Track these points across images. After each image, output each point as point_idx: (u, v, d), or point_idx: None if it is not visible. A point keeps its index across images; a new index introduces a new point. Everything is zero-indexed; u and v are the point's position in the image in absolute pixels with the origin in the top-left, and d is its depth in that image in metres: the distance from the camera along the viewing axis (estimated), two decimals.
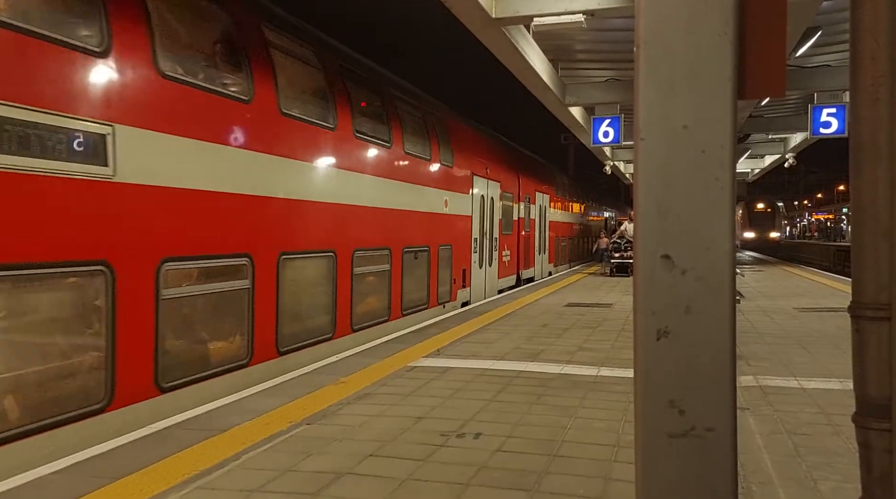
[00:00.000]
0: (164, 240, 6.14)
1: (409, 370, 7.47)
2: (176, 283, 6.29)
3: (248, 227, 7.43)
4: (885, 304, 2.08)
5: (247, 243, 7.36)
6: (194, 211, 6.59)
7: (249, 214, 7.42)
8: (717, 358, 2.14)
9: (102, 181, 5.45)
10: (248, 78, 7.40)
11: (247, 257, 7.33)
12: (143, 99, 5.95)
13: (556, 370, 7.47)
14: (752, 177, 36.10)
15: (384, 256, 10.96)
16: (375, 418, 5.60)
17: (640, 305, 2.19)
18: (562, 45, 13.91)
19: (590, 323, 11.25)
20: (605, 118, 16.58)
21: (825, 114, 15.39)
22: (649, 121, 2.18)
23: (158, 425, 5.39)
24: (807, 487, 4.14)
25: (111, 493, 4.01)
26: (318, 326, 8.97)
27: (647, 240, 2.18)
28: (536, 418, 5.64)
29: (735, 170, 2.17)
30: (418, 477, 4.29)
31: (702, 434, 2.14)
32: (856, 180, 2.16)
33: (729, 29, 2.12)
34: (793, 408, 5.93)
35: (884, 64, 2.09)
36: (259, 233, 7.61)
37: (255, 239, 7.53)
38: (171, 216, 6.26)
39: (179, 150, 6.37)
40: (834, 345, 8.96)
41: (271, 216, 7.88)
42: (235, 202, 7.19)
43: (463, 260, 14.77)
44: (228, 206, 7.08)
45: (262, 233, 7.67)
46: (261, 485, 4.15)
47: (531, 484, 4.17)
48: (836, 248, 41.44)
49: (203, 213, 6.71)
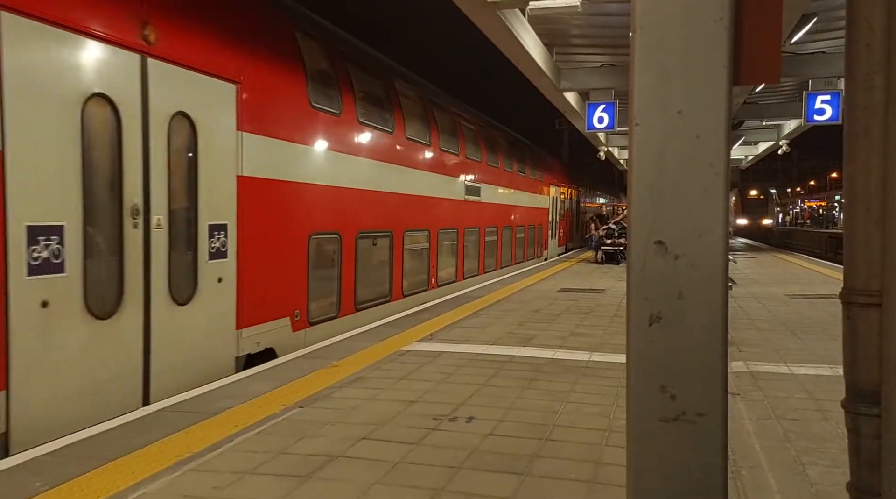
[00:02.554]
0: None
1: (402, 355, 7.48)
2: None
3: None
4: (877, 291, 2.09)
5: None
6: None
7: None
8: (709, 344, 2.15)
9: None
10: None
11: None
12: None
13: (549, 355, 7.51)
14: (745, 164, 36.13)
15: (521, 229, 21.63)
16: (368, 402, 5.62)
17: (632, 291, 2.20)
18: (557, 30, 13.85)
19: (582, 309, 11.29)
20: (599, 104, 16.54)
21: (819, 101, 15.40)
22: (644, 106, 2.17)
23: (151, 408, 5.40)
24: (796, 471, 4.18)
25: (103, 474, 4.02)
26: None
27: (641, 225, 2.18)
28: (528, 402, 5.67)
29: (729, 156, 2.17)
30: (410, 460, 4.31)
31: (693, 419, 2.15)
32: (849, 168, 2.17)
33: (724, 14, 2.11)
34: (783, 394, 5.97)
35: (879, 51, 2.08)
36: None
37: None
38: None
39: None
40: (824, 331, 9.02)
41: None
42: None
43: (545, 234, 25.77)
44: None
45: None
46: (253, 467, 4.16)
47: (523, 468, 4.19)
48: (828, 235, 41.64)
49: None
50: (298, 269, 8.65)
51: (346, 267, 9.94)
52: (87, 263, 5.45)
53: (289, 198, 8.41)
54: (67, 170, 5.33)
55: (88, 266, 5.45)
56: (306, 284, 8.77)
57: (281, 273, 8.22)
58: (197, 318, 6.72)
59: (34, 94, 5.05)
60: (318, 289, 9.11)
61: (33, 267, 4.99)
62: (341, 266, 9.78)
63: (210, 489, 3.84)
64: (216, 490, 3.83)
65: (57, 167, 5.23)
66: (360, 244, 10.32)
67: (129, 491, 3.80)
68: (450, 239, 14.76)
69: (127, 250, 5.87)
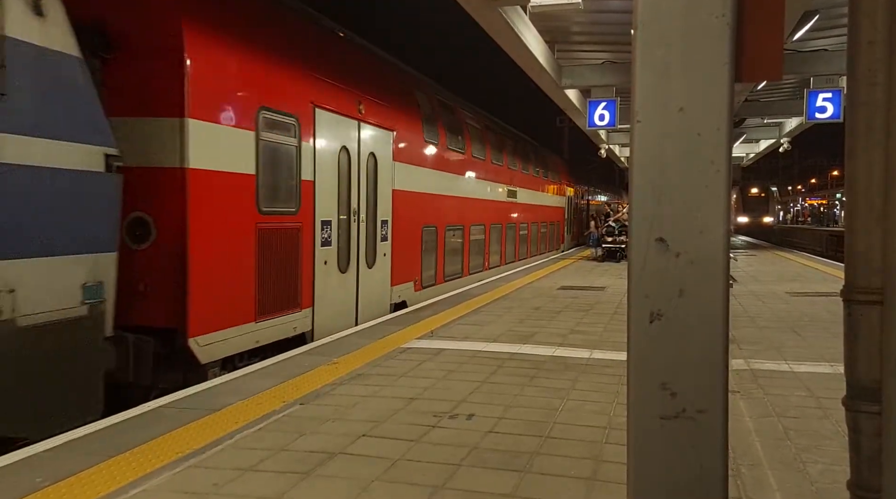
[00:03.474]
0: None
1: (403, 352, 7.49)
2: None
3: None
4: (878, 288, 2.09)
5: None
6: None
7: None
8: (710, 341, 2.15)
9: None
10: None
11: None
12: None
13: (549, 353, 7.51)
14: (746, 161, 36.11)
15: (545, 225, 25.32)
16: (368, 399, 5.62)
17: (633, 288, 2.19)
18: (558, 27, 13.84)
19: (582, 306, 11.29)
20: (600, 101, 16.53)
21: (821, 99, 15.39)
22: (645, 103, 2.17)
23: (151, 405, 5.40)
24: (796, 469, 4.18)
25: (104, 470, 4.02)
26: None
27: (642, 223, 2.17)
28: (528, 399, 5.68)
29: (731, 153, 2.17)
30: (410, 457, 4.32)
31: (693, 416, 2.16)
32: (851, 165, 2.16)
33: (727, 11, 2.11)
34: (783, 391, 5.97)
35: (881, 48, 2.08)
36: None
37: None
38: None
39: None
40: (825, 329, 9.02)
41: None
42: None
43: (561, 230, 29.11)
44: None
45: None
46: (253, 464, 4.17)
47: (523, 465, 4.19)
48: (829, 233, 41.60)
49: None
50: (417, 250, 12.62)
51: (440, 250, 13.91)
52: (339, 241, 9.42)
53: (413, 201, 12.25)
54: (333, 189, 9.24)
55: (339, 243, 9.43)
56: (420, 260, 12.79)
57: (410, 252, 12.20)
58: (375, 277, 10.69)
59: (323, 150, 8.93)
60: (426, 264, 13.10)
61: (321, 242, 8.90)
62: (437, 249, 13.71)
63: (210, 486, 3.84)
64: (216, 487, 3.83)
65: (329, 188, 9.12)
66: (447, 234, 14.35)
67: (129, 487, 3.80)
68: (497, 232, 18.71)
69: (351, 236, 9.84)
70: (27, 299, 4.89)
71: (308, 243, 8.55)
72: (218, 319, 6.89)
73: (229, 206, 7.10)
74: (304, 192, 8.47)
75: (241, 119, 7.27)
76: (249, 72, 7.47)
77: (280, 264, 7.98)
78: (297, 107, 8.29)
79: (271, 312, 7.76)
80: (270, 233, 7.75)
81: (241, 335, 7.27)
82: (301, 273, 8.39)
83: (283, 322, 8.04)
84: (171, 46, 6.40)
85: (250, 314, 7.40)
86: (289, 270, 8.16)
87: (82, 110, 5.43)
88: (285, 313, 8.07)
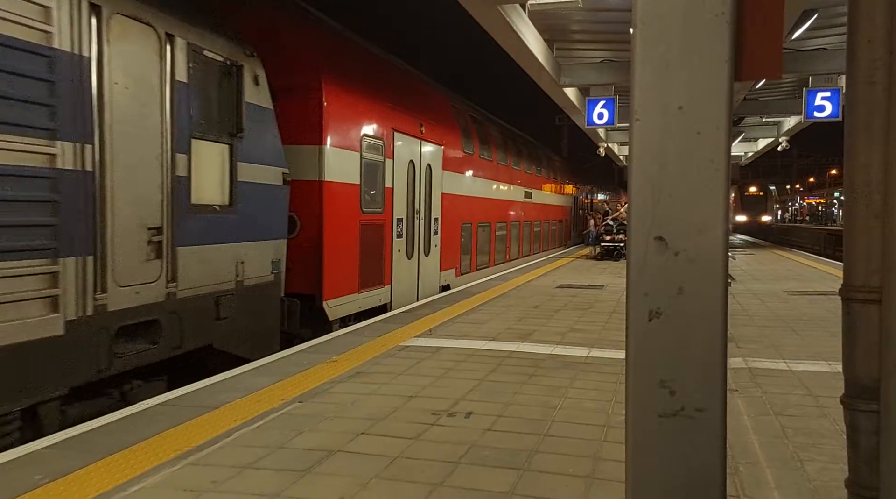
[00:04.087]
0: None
1: (401, 350, 7.49)
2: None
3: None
4: (876, 287, 2.10)
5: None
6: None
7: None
8: (709, 339, 2.15)
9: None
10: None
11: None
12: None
13: (548, 351, 7.51)
14: (745, 160, 36.10)
15: (554, 222, 27.70)
16: (367, 397, 5.63)
17: (632, 286, 2.20)
18: (558, 25, 13.83)
19: (581, 304, 11.30)
20: (600, 100, 16.49)
21: (819, 97, 15.37)
22: (644, 102, 2.17)
23: (150, 402, 5.40)
24: (793, 467, 4.19)
25: (103, 468, 4.03)
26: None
27: (641, 221, 2.18)
28: (527, 397, 5.68)
29: (730, 152, 2.17)
30: (409, 455, 4.32)
31: (692, 414, 2.16)
32: (849, 163, 2.16)
33: (726, 9, 2.11)
34: (781, 390, 5.98)
35: (880, 47, 2.08)
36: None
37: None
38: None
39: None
40: (823, 328, 9.03)
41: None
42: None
43: (567, 227, 31.37)
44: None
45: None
46: (252, 462, 4.17)
47: (521, 463, 4.20)
48: (827, 232, 41.61)
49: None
50: (457, 242, 15.23)
51: (473, 243, 16.56)
52: (406, 234, 12.02)
53: (455, 203, 14.87)
54: (404, 194, 11.90)
55: (407, 236, 12.03)
56: (460, 250, 15.39)
57: (452, 244, 14.89)
58: (429, 264, 13.41)
59: (398, 163, 11.57)
60: (463, 254, 15.71)
61: (396, 234, 11.53)
62: (472, 242, 16.38)
63: (209, 483, 3.85)
64: (215, 484, 3.83)
65: (402, 193, 11.81)
66: (479, 230, 16.98)
67: (128, 484, 3.80)
68: (516, 229, 21.36)
69: (415, 230, 12.45)
70: (248, 269, 7.56)
71: (389, 235, 11.34)
72: (339, 289, 9.60)
73: (345, 207, 9.80)
74: (387, 196, 11.26)
75: (352, 144, 10.02)
76: (358, 110, 10.28)
77: (373, 251, 10.68)
78: (383, 132, 11.08)
79: (367, 287, 10.52)
80: (368, 227, 10.52)
81: (351, 302, 9.97)
82: (385, 258, 11.19)
83: (374, 294, 10.78)
84: (314, 95, 9.18)
85: (356, 287, 10.14)
86: (377, 255, 10.93)
87: (275, 144, 8.09)
88: (375, 288, 10.85)
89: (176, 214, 6.36)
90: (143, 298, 6.00)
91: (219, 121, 7.10)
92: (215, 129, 7.04)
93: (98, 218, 5.50)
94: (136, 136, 5.89)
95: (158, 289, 6.18)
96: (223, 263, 7.12)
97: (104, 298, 5.56)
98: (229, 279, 7.22)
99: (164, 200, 6.24)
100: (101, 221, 5.53)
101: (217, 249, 7.04)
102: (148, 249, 6.05)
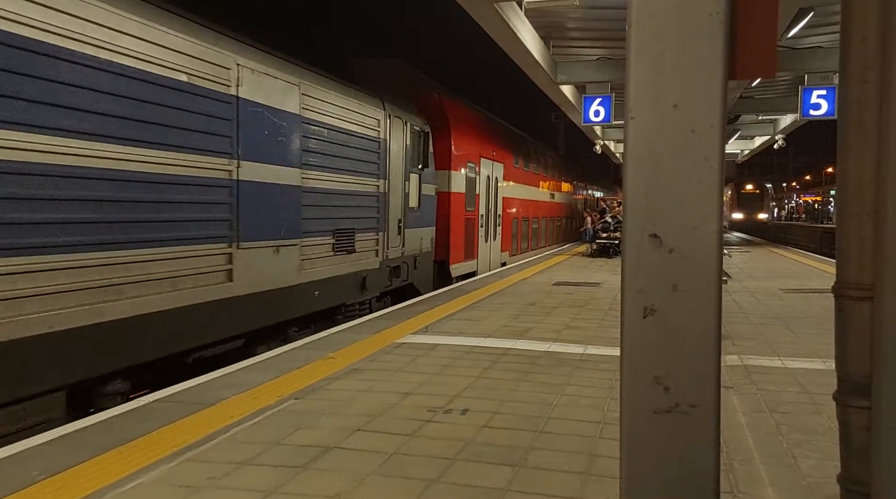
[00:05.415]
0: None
1: (398, 347, 7.50)
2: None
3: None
4: (868, 284, 2.11)
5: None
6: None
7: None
8: (703, 336, 2.16)
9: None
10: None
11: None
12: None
13: (544, 348, 7.53)
14: (741, 158, 36.18)
15: (566, 218, 32.70)
16: (363, 394, 5.64)
17: (627, 283, 2.21)
18: (554, 23, 13.84)
19: (577, 302, 11.32)
20: (596, 97, 16.51)
21: (815, 96, 15.40)
22: (639, 100, 2.18)
23: (146, 399, 5.41)
24: (787, 464, 4.21)
25: (99, 464, 4.03)
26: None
27: (636, 218, 2.19)
28: (523, 394, 5.70)
29: (724, 150, 2.18)
30: (405, 452, 4.33)
31: (686, 411, 2.17)
32: (842, 162, 2.18)
33: (720, 8, 2.12)
34: (776, 387, 6.01)
35: (873, 45, 2.09)
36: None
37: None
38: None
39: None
40: (818, 326, 9.07)
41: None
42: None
43: (579, 221, 33.10)
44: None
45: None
46: (249, 458, 4.18)
47: (517, 459, 4.22)
48: (823, 230, 41.68)
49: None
50: (509, 232, 21.13)
51: (519, 233, 22.26)
52: (485, 226, 18.29)
53: (508, 203, 20.70)
54: (484, 197, 18.17)
55: (485, 226, 18.31)
56: (511, 238, 21.22)
57: (507, 233, 20.76)
58: (495, 246, 19.38)
59: (482, 177, 17.99)
60: (513, 240, 21.60)
61: (481, 225, 17.88)
62: (518, 233, 22.02)
63: (206, 479, 3.85)
64: (212, 480, 3.84)
65: (483, 197, 18.15)
66: (522, 224, 22.72)
67: (125, 481, 3.81)
68: (544, 223, 27.17)
69: (488, 222, 18.48)
70: (423, 243, 13.67)
71: (477, 226, 17.37)
72: (457, 258, 15.79)
73: (459, 207, 15.86)
74: (477, 200, 17.21)
75: (462, 167, 16.04)
76: (466, 145, 16.29)
77: (470, 235, 16.82)
78: (475, 158, 17.13)
79: (468, 258, 16.70)
80: (468, 220, 16.67)
81: (462, 266, 16.05)
82: (475, 241, 17.21)
83: (470, 263, 16.88)
84: (446, 134, 15.18)
85: (462, 258, 16.23)
86: (472, 238, 16.99)
87: (433, 171, 14.10)
88: (471, 260, 16.95)
89: (406, 212, 12.47)
90: (396, 254, 12.09)
91: (417, 162, 12.98)
92: (416, 166, 12.95)
93: (383, 215, 11.43)
94: (395, 173, 11.88)
95: (401, 250, 12.30)
96: (417, 239, 13.24)
97: (386, 253, 11.59)
98: (419, 248, 13.37)
99: (402, 205, 12.27)
100: (385, 216, 11.49)
101: (417, 231, 13.21)
102: (397, 230, 12.10)
